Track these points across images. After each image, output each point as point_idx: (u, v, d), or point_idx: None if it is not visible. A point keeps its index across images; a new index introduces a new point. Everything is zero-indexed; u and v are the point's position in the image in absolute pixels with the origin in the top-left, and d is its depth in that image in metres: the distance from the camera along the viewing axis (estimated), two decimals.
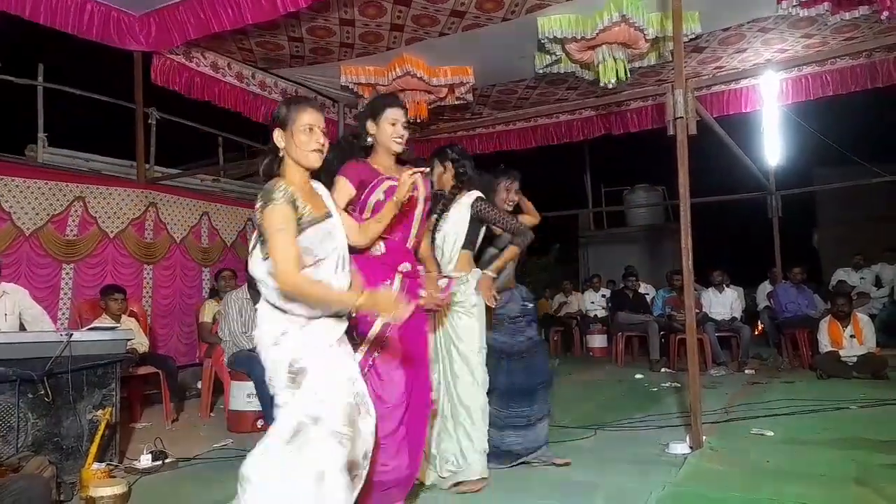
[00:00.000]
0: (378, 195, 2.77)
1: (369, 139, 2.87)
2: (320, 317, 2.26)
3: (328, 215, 2.36)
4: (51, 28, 4.86)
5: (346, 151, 2.90)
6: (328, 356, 2.27)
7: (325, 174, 2.51)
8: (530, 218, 3.99)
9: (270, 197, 2.20)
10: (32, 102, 6.46)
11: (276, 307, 2.25)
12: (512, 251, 3.47)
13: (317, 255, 2.27)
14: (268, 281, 2.23)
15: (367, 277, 2.62)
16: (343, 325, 2.35)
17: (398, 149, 2.84)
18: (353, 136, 2.98)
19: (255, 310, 2.40)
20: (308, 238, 2.24)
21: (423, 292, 2.86)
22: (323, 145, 2.32)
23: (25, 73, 6.45)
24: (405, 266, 2.82)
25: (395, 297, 2.28)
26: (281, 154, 2.34)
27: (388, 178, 2.78)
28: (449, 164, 3.43)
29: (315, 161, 2.32)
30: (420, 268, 2.94)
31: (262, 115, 6.77)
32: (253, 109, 6.79)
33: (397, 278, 2.79)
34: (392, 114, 2.81)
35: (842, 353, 6.69)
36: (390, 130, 2.81)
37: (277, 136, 2.32)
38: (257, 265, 2.28)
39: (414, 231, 2.87)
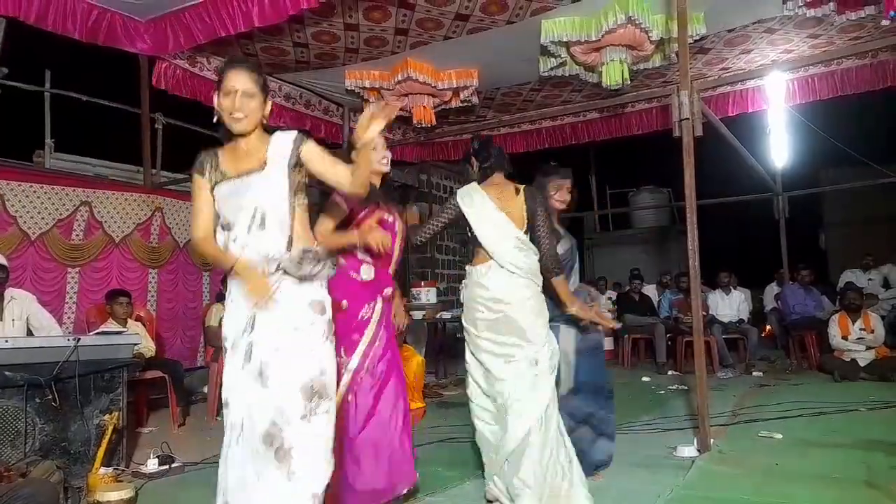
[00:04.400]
0: (369, 225, 2.90)
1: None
2: (234, 292, 2.30)
3: (247, 172, 2.27)
4: (57, 34, 4.89)
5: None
6: (238, 342, 2.25)
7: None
8: None
9: (203, 154, 2.35)
10: (39, 108, 6.50)
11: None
12: None
13: (226, 216, 2.27)
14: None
15: (356, 298, 2.85)
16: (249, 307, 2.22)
17: (384, 169, 3.01)
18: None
19: None
20: (217, 199, 2.29)
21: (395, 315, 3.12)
22: (240, 108, 2.24)
23: (32, 80, 6.48)
24: (388, 290, 3.02)
25: (263, 283, 2.19)
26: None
27: (379, 209, 2.95)
28: (472, 160, 3.28)
29: (237, 126, 2.27)
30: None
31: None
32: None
33: (379, 301, 2.95)
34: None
35: (850, 340, 6.68)
36: (373, 155, 2.85)
37: (215, 102, 2.32)
38: None
39: (394, 261, 3.06)
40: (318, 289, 2.29)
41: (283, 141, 2.31)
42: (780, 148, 8.75)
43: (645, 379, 7.22)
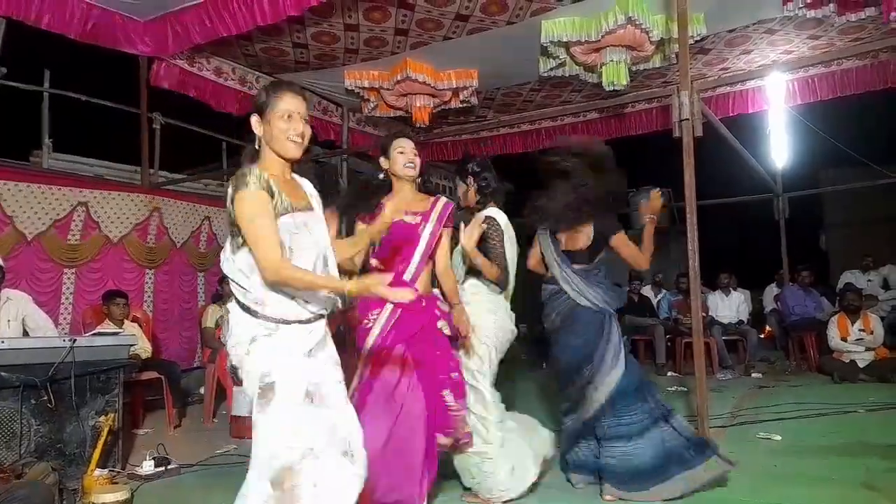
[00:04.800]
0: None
1: (381, 174, 3.06)
2: (291, 322, 2.09)
3: (308, 207, 2.22)
4: (56, 34, 4.88)
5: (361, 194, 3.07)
6: (302, 371, 2.07)
7: (322, 187, 2.47)
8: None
9: (244, 182, 2.04)
10: (38, 108, 6.48)
11: (247, 309, 2.09)
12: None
13: (290, 247, 2.09)
14: (238, 278, 2.09)
15: (361, 305, 2.82)
16: (317, 336, 2.14)
17: (411, 173, 2.98)
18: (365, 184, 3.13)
19: None
20: (282, 227, 2.07)
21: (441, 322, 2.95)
22: (302, 134, 2.15)
23: (31, 80, 6.46)
24: None
25: (385, 280, 2.15)
26: (258, 144, 2.19)
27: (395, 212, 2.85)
28: (470, 180, 3.35)
29: (293, 151, 2.15)
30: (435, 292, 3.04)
31: None
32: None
33: (387, 309, 2.85)
34: (400, 143, 3.00)
35: (849, 342, 6.67)
36: (401, 160, 2.97)
37: (255, 123, 2.17)
38: (227, 261, 2.14)
39: (413, 265, 2.92)
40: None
41: (308, 185, 2.32)
42: (780, 148, 8.74)
43: None
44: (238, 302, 2.13)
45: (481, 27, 5.73)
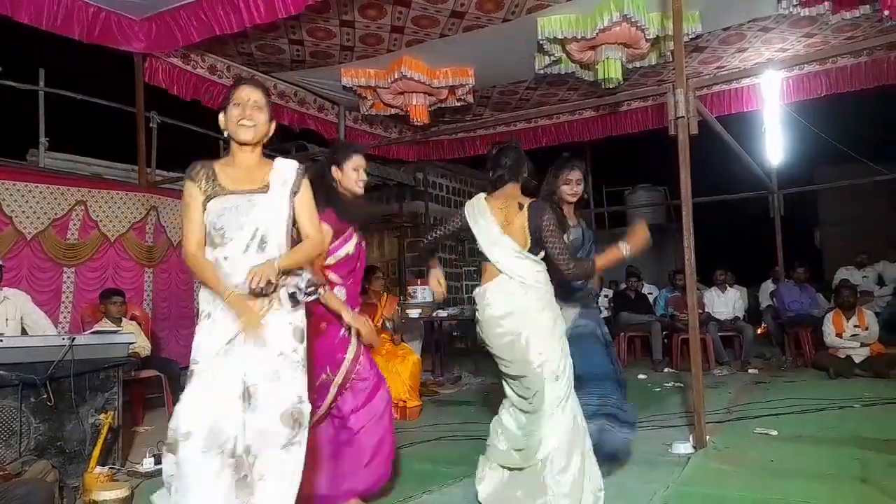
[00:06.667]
0: (348, 248, 2.93)
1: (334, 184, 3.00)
2: (215, 312, 2.24)
3: (256, 190, 2.28)
4: (52, 33, 4.88)
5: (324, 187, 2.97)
6: (215, 363, 2.19)
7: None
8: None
9: (194, 167, 2.29)
10: (34, 107, 6.48)
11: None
12: None
13: (222, 230, 2.22)
14: None
15: (333, 320, 2.88)
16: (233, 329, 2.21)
17: (360, 191, 3.01)
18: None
19: None
20: (210, 212, 2.24)
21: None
22: (249, 116, 2.28)
23: (27, 79, 6.46)
24: (356, 309, 3.03)
25: (254, 313, 2.19)
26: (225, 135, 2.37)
27: (355, 234, 2.97)
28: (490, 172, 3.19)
29: (244, 134, 2.29)
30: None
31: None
32: None
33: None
34: (357, 161, 2.98)
35: (845, 338, 6.72)
36: (354, 176, 2.97)
37: (221, 119, 2.36)
38: None
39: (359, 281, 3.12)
40: (300, 315, 2.31)
41: (287, 168, 2.37)
42: (775, 146, 8.77)
43: (641, 376, 7.23)
44: None
45: (477, 24, 5.74)
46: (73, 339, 3.52)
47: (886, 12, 4.90)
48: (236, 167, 2.32)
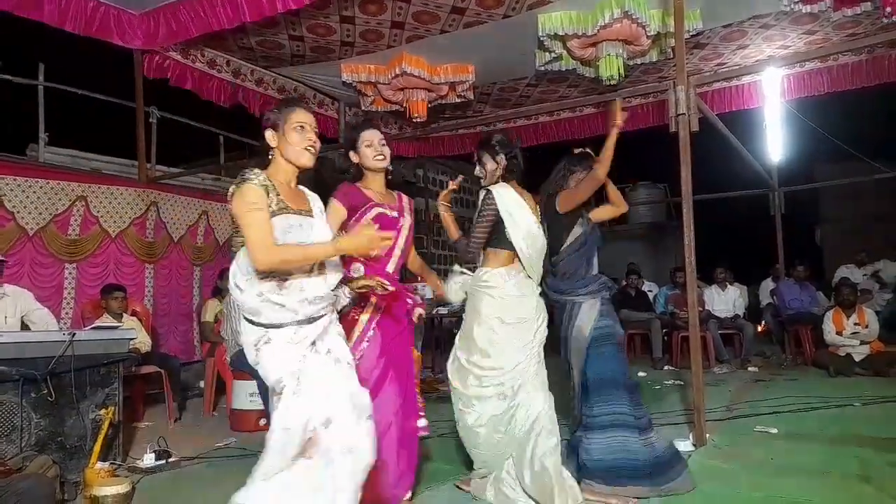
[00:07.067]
0: (367, 222, 2.82)
1: (352, 169, 2.99)
2: (281, 326, 2.17)
3: (305, 212, 2.32)
4: (51, 27, 4.87)
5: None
6: (310, 367, 2.19)
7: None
8: (612, 209, 3.71)
9: (243, 179, 2.18)
10: (33, 102, 6.46)
11: (245, 317, 2.23)
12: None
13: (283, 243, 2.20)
14: (236, 282, 2.20)
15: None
16: (313, 328, 2.23)
17: (381, 165, 2.92)
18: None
19: None
20: (275, 226, 2.17)
21: (418, 311, 2.98)
22: (315, 143, 2.32)
23: (26, 73, 6.45)
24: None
25: (373, 231, 2.24)
26: (271, 155, 2.33)
27: (378, 205, 2.88)
28: (501, 157, 3.17)
29: (307, 160, 2.31)
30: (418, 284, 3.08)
31: (258, 109, 6.79)
32: (248, 103, 6.86)
33: (372, 301, 2.83)
34: (367, 136, 2.92)
35: (844, 336, 6.72)
36: (370, 153, 2.90)
37: (269, 137, 2.33)
38: (233, 265, 2.26)
39: (395, 259, 2.93)
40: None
41: (316, 199, 2.45)
42: (775, 143, 8.76)
43: (641, 374, 7.23)
44: (241, 310, 2.26)
45: (477, 21, 5.73)
46: (74, 334, 3.52)
47: (889, 9, 4.89)
48: (285, 186, 2.31)
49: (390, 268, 2.92)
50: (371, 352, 2.81)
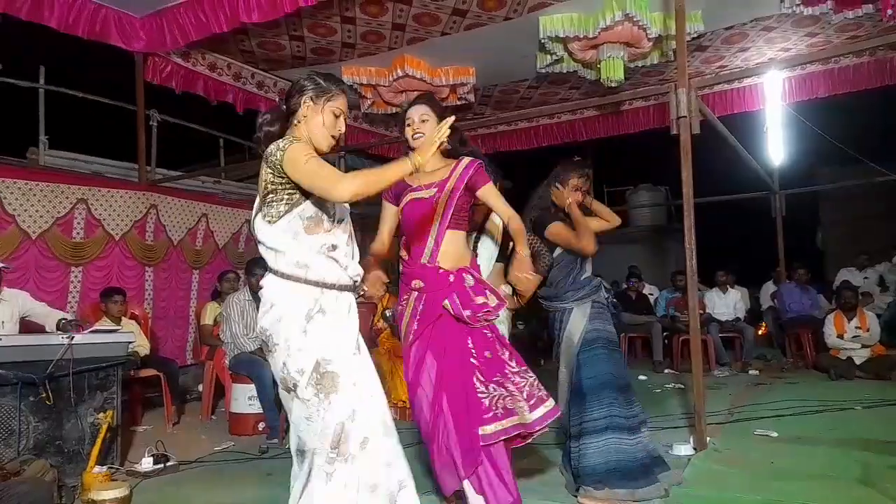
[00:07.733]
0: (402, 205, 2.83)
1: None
2: (332, 288, 2.16)
3: None
4: (52, 30, 4.87)
5: None
6: (354, 365, 2.19)
7: None
8: (601, 223, 3.61)
9: (291, 141, 2.12)
10: (34, 105, 6.46)
11: (288, 276, 2.13)
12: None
13: (333, 215, 2.19)
14: (279, 244, 2.13)
15: (402, 287, 2.80)
16: (352, 297, 2.26)
17: (418, 144, 2.72)
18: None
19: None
20: (317, 199, 2.13)
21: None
22: (342, 134, 2.28)
23: (27, 76, 6.45)
24: (417, 283, 2.73)
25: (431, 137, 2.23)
26: (296, 121, 2.23)
27: (413, 191, 2.77)
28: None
29: (327, 147, 2.26)
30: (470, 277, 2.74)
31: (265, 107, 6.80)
32: (248, 103, 6.86)
33: (413, 294, 2.76)
34: (409, 114, 2.83)
35: (846, 339, 6.71)
36: (409, 132, 2.81)
37: (306, 104, 2.21)
38: (263, 231, 2.17)
39: (429, 246, 2.72)
40: None
41: None
42: (777, 146, 8.74)
43: (641, 377, 7.21)
44: (278, 272, 2.15)
45: (478, 23, 5.73)
46: (72, 337, 3.51)
47: (890, 11, 4.88)
48: None
49: (425, 258, 2.72)
50: (417, 349, 2.73)
